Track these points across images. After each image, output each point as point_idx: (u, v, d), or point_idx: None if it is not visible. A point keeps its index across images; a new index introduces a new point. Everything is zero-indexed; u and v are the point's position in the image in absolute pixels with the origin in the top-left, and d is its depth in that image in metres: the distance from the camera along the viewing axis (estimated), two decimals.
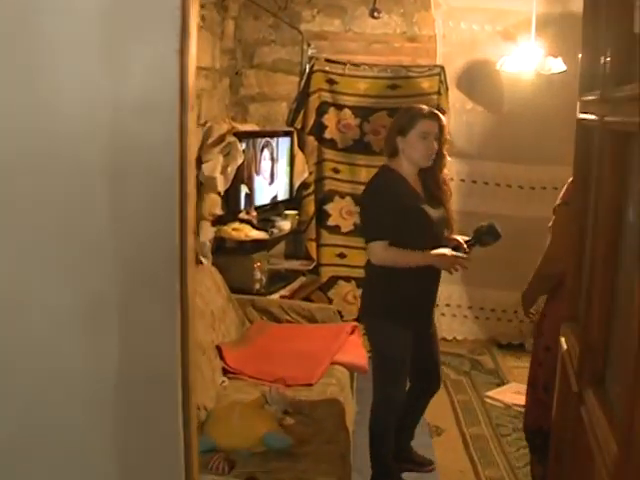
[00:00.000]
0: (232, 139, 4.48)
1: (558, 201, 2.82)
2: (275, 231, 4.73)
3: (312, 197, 5.30)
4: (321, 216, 5.33)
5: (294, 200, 5.26)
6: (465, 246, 3.35)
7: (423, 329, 3.50)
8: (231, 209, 4.58)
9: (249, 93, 5.42)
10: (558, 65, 4.50)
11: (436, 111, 3.44)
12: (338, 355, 3.91)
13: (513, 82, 5.04)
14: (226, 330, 4.03)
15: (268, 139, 4.93)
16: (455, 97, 5.35)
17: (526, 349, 5.58)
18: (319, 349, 3.92)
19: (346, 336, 4.11)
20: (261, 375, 3.64)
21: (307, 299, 5.18)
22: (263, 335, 4.12)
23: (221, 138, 4.49)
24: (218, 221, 4.52)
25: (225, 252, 4.56)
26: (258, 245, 4.57)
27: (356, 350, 4.05)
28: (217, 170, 4.42)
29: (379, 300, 3.43)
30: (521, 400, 3.72)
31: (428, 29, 5.31)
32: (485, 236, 3.34)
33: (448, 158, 3.45)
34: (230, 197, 4.56)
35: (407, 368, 3.42)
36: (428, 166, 3.34)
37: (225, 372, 3.67)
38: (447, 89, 5.27)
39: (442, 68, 5.24)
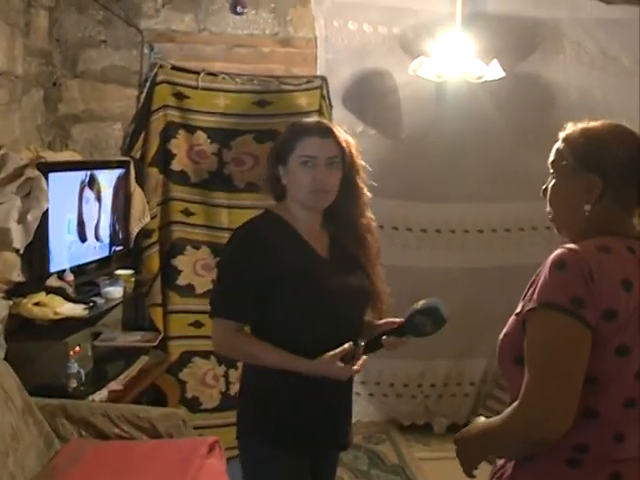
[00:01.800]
0: (34, 173, 3.13)
1: (530, 305, 1.53)
2: (100, 302, 3.38)
3: (156, 248, 3.99)
4: (168, 273, 4.02)
5: (131, 254, 3.94)
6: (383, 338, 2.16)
7: (324, 462, 2.36)
8: (35, 274, 3.22)
9: (71, 111, 4.06)
10: (493, 70, 3.42)
11: (331, 125, 2.33)
12: None
13: (419, 98, 3.96)
14: (21, 461, 2.66)
15: (93, 172, 3.60)
16: (341, 117, 4.19)
17: (434, 431, 4.50)
18: None
19: (201, 460, 2.82)
20: None
21: (151, 389, 3.86)
22: (77, 467, 2.77)
23: (18, 172, 3.14)
24: (15, 291, 3.16)
25: (25, 336, 3.16)
26: (74, 324, 3.21)
27: None
28: (12, 218, 3.07)
29: (250, 410, 2.27)
30: None
31: (306, 30, 4.16)
32: (422, 320, 2.10)
33: (368, 194, 2.34)
34: (33, 256, 3.21)
35: None
36: (335, 207, 2.25)
37: None
38: (331, 107, 4.13)
39: (324, 80, 4.10)
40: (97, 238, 3.66)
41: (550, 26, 4.32)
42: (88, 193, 3.53)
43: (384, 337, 2.15)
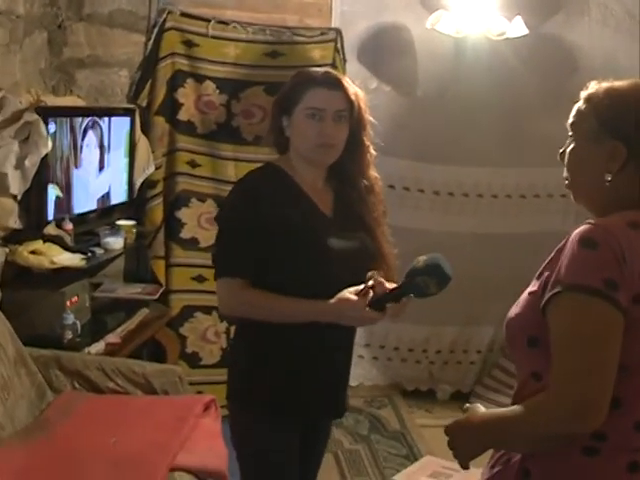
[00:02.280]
0: (32, 117, 3.01)
1: (557, 287, 1.38)
2: (98, 252, 3.29)
3: (160, 200, 3.88)
4: (172, 226, 3.91)
5: (134, 204, 3.83)
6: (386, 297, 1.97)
7: (317, 430, 2.26)
8: (33, 221, 3.13)
9: (76, 55, 3.92)
10: (516, 27, 3.26)
11: (340, 76, 2.19)
12: (182, 454, 2.54)
13: (437, 54, 3.80)
14: (11, 411, 2.60)
15: (95, 118, 3.48)
16: (355, 72, 4.04)
17: (438, 398, 4.42)
18: (153, 444, 2.54)
19: (196, 419, 2.74)
20: None
21: (150, 343, 3.79)
22: (69, 419, 2.70)
23: (17, 116, 3.03)
24: (12, 238, 3.07)
25: (21, 285, 3.07)
26: (72, 274, 3.12)
27: (211, 443, 2.69)
28: (9, 163, 2.98)
29: (239, 375, 2.16)
30: None
31: None
32: (424, 280, 1.89)
33: (373, 152, 2.21)
34: (31, 203, 3.12)
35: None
36: (339, 163, 2.13)
37: None
38: (344, 61, 3.98)
39: (339, 32, 3.94)
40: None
41: None
42: (90, 139, 3.42)
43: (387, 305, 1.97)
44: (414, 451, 3.75)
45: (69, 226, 3.20)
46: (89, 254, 3.18)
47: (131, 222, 3.60)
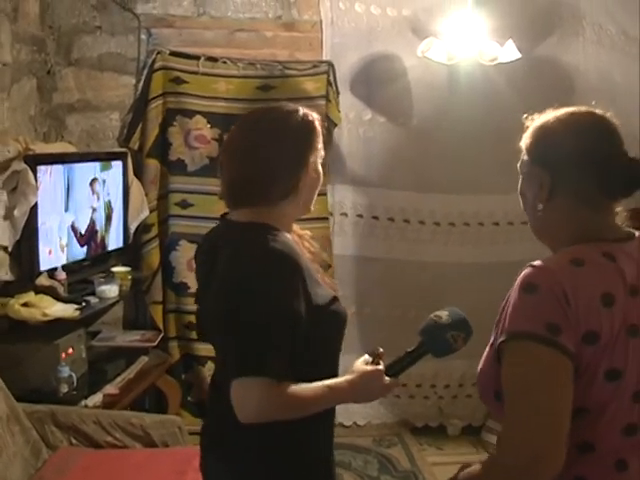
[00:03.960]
0: (20, 167, 2.95)
1: (502, 336, 1.34)
2: (93, 302, 3.20)
3: (156, 244, 3.80)
4: (167, 270, 3.83)
5: (129, 250, 3.76)
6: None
7: None
8: (24, 272, 3.06)
9: (66, 100, 3.88)
10: (508, 51, 3.20)
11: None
12: None
13: (430, 82, 3.74)
14: (4, 472, 2.50)
15: (93, 164, 3.43)
16: (349, 104, 4.00)
17: (449, 433, 4.30)
18: None
19: (195, 473, 2.61)
20: None
21: (152, 392, 3.69)
22: (66, 477, 2.60)
23: (5, 166, 2.97)
24: (3, 291, 3.00)
25: (14, 338, 2.98)
26: (67, 325, 3.03)
27: None
28: None
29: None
30: None
31: (311, 13, 3.95)
32: (453, 336, 1.73)
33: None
34: (22, 254, 3.04)
35: None
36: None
37: None
38: (338, 93, 3.92)
39: (331, 65, 3.90)
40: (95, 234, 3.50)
41: (569, 5, 4.08)
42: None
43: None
44: None
45: (62, 276, 3.13)
46: (83, 304, 3.09)
47: (126, 268, 3.51)
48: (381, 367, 1.74)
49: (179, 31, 3.88)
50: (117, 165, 3.66)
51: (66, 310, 2.97)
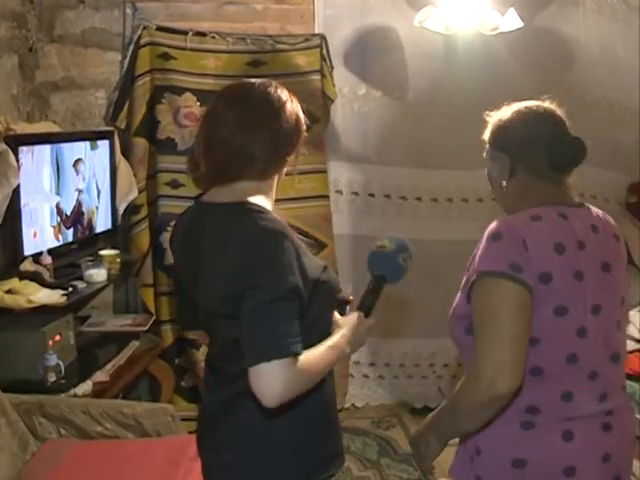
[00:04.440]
0: (1, 147, 2.82)
1: (473, 276, 1.62)
2: (80, 287, 3.09)
3: (145, 225, 3.68)
4: (158, 252, 3.70)
5: (118, 232, 3.65)
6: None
7: None
8: (8, 257, 2.95)
9: (49, 78, 3.74)
10: (510, 20, 3.07)
11: None
12: None
13: (426, 54, 3.61)
14: None
15: (77, 143, 3.31)
16: (343, 79, 3.87)
17: None
18: None
19: (190, 463, 2.54)
20: None
21: (146, 377, 3.60)
22: (55, 470, 2.51)
23: None
24: None
25: None
26: (53, 312, 2.93)
27: None
28: None
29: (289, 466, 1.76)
30: None
31: None
32: (404, 258, 1.88)
33: None
34: (5, 239, 2.93)
35: None
36: None
37: None
38: (332, 68, 3.80)
39: (323, 38, 3.76)
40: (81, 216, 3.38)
41: None
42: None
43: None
44: (427, 476, 3.53)
45: (47, 260, 3.01)
46: (70, 289, 2.98)
47: (114, 251, 3.40)
48: (359, 313, 1.81)
49: (166, 4, 3.73)
50: (103, 145, 3.53)
51: (52, 296, 2.86)
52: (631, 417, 1.77)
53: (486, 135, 1.85)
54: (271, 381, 1.51)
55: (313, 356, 1.61)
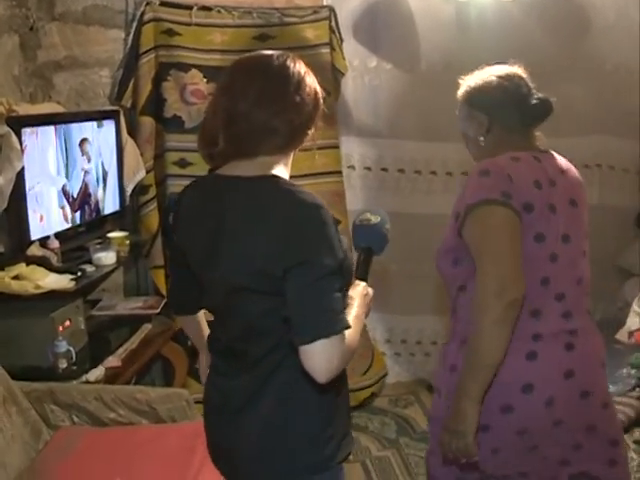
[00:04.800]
0: (3, 130, 2.74)
1: (465, 208, 1.84)
2: (89, 270, 3.02)
3: (154, 206, 3.60)
4: (167, 232, 3.63)
5: (126, 213, 3.57)
6: None
7: None
8: (14, 243, 2.87)
9: (52, 58, 3.65)
10: None
11: None
12: None
13: (438, 23, 3.50)
14: (1, 457, 2.35)
15: (82, 124, 3.23)
16: (352, 51, 3.77)
17: None
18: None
19: (205, 448, 2.48)
20: None
21: (159, 360, 3.54)
22: (69, 458, 2.46)
23: None
24: None
25: (6, 313, 2.82)
26: (62, 297, 2.86)
27: None
28: None
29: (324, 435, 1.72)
30: None
31: None
32: (388, 229, 1.95)
33: None
34: (11, 224, 2.86)
35: None
36: None
37: None
38: (341, 40, 3.69)
39: (332, 10, 3.66)
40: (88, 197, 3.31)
41: None
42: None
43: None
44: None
45: (55, 244, 2.94)
46: (79, 273, 2.91)
47: (123, 233, 3.33)
48: (364, 283, 1.82)
49: None
50: (109, 124, 3.45)
51: (60, 281, 2.80)
52: (595, 339, 1.96)
53: (461, 96, 2.07)
54: (328, 357, 1.51)
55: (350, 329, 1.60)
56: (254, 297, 1.59)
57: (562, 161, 2.00)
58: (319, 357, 1.50)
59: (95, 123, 3.35)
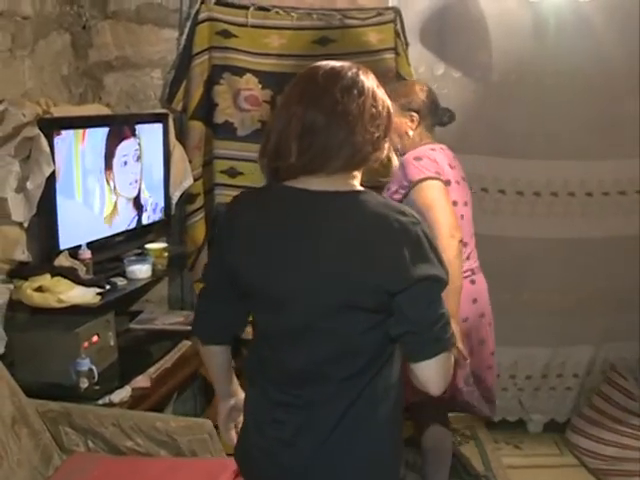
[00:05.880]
0: (32, 132, 2.59)
1: (415, 177, 2.66)
2: (120, 284, 2.85)
3: (201, 216, 3.42)
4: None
5: (170, 222, 3.40)
6: None
7: None
8: (43, 251, 2.72)
9: (103, 58, 3.52)
10: None
11: None
12: None
13: (513, 28, 3.21)
14: None
15: (129, 127, 3.07)
16: (419, 57, 3.49)
17: (529, 430, 3.83)
18: None
19: None
20: None
21: (195, 379, 3.36)
22: None
23: (18, 132, 2.62)
24: (19, 273, 2.66)
25: (29, 326, 2.67)
26: (91, 310, 2.69)
27: None
28: (9, 186, 2.59)
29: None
30: None
31: None
32: None
33: None
34: (40, 230, 2.70)
35: None
36: None
37: None
38: (407, 45, 3.42)
39: (397, 12, 3.39)
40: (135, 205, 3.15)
41: None
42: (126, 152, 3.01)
43: None
44: None
45: (86, 254, 2.77)
46: (107, 287, 2.73)
47: (161, 245, 3.15)
48: None
49: None
50: (157, 128, 3.29)
51: (85, 295, 2.62)
52: (483, 277, 2.88)
53: (396, 100, 2.54)
54: (448, 369, 1.58)
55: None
56: (360, 316, 1.53)
57: (450, 151, 2.84)
58: (438, 371, 1.56)
59: (140, 127, 3.18)
